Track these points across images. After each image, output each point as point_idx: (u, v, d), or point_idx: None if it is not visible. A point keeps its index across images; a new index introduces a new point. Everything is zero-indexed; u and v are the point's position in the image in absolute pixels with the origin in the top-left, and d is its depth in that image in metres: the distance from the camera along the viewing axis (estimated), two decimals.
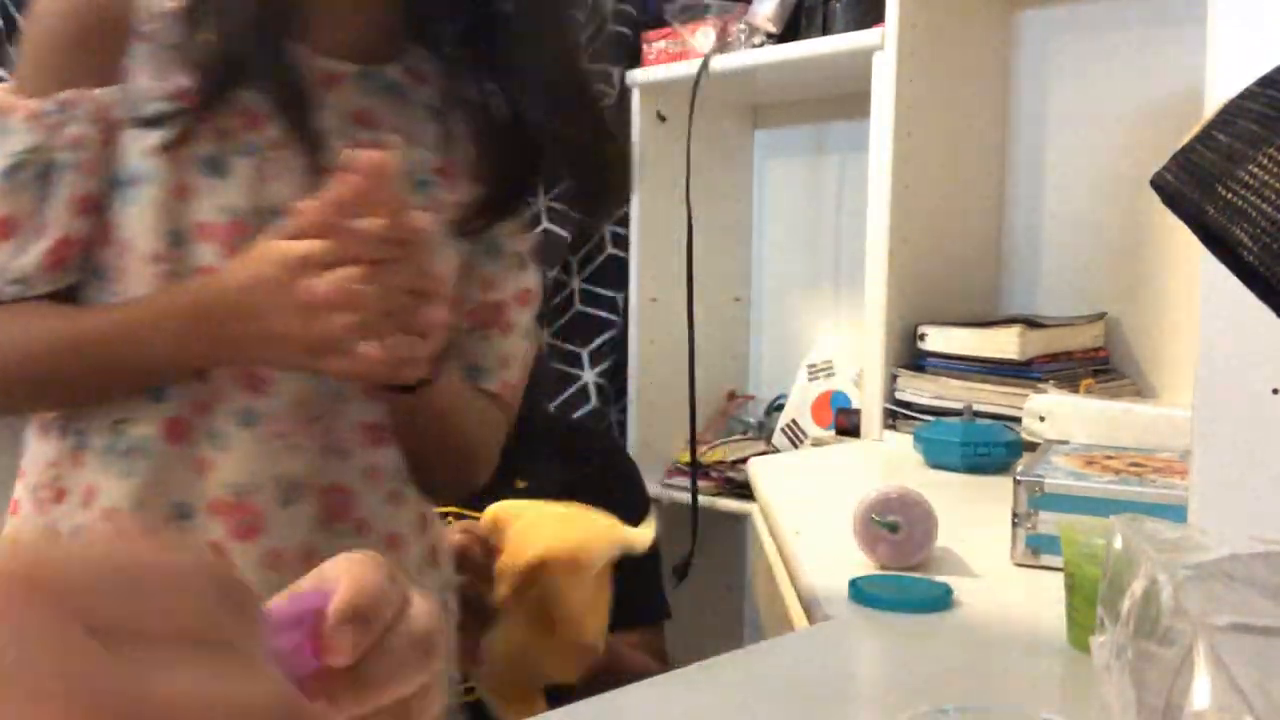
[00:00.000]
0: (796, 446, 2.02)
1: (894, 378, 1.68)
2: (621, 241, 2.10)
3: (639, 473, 1.54)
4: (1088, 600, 0.74)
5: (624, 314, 2.09)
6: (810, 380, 2.05)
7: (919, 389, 1.65)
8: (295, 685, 0.25)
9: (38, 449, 0.89)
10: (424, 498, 0.97)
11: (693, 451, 1.97)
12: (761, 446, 2.07)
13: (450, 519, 1.30)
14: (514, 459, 1.41)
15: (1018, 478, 0.97)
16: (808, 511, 1.20)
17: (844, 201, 2.10)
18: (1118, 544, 0.64)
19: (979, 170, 1.80)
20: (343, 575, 0.35)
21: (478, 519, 1.29)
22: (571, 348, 2.06)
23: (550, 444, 1.45)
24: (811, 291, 2.17)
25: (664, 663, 1.47)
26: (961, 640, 0.81)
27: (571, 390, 2.04)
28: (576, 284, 2.10)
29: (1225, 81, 0.68)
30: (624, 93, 2.07)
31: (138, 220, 0.84)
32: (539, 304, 1.04)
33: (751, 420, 2.19)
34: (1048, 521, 0.95)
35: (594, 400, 2.04)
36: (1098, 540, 0.73)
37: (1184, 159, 0.52)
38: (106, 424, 0.86)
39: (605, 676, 1.05)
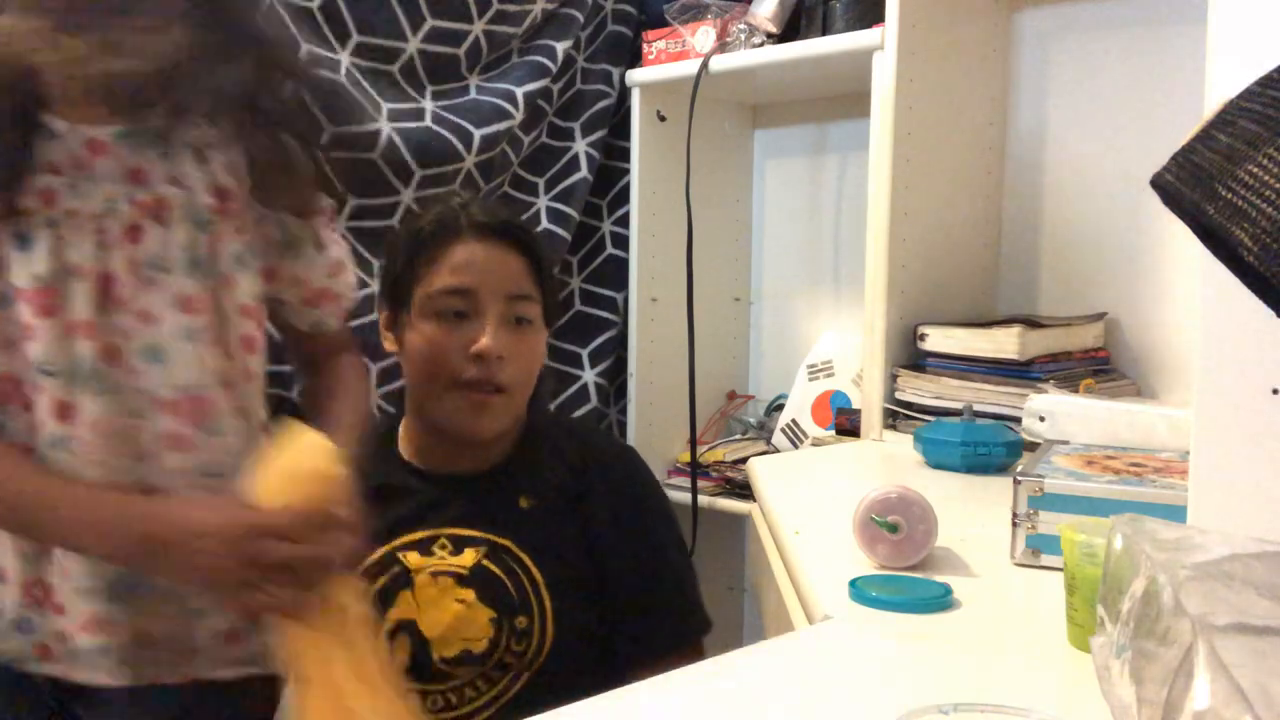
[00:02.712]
0: (796, 446, 2.02)
1: (894, 378, 1.68)
2: (621, 241, 2.09)
3: (653, 476, 1.39)
4: (1088, 600, 0.74)
5: (624, 314, 2.09)
6: (810, 380, 2.05)
7: (919, 389, 1.65)
8: None
9: None
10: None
11: (693, 451, 1.97)
12: (761, 446, 2.08)
13: (444, 541, 1.24)
14: (515, 477, 1.30)
15: (1018, 478, 0.97)
16: (808, 511, 1.20)
17: (844, 201, 2.10)
18: (1118, 544, 0.64)
19: (979, 170, 1.80)
20: None
21: (490, 539, 1.23)
22: (571, 348, 2.06)
23: (554, 455, 1.32)
24: (811, 291, 2.17)
25: None
26: (961, 640, 0.81)
27: (571, 390, 2.04)
28: (576, 284, 2.10)
29: (1225, 81, 0.68)
30: (624, 93, 2.07)
31: None
32: (350, 265, 1.19)
33: (751, 420, 2.19)
34: (1048, 521, 0.95)
35: (594, 400, 2.04)
36: (1098, 540, 0.73)
37: (1184, 159, 0.52)
38: None
39: None
